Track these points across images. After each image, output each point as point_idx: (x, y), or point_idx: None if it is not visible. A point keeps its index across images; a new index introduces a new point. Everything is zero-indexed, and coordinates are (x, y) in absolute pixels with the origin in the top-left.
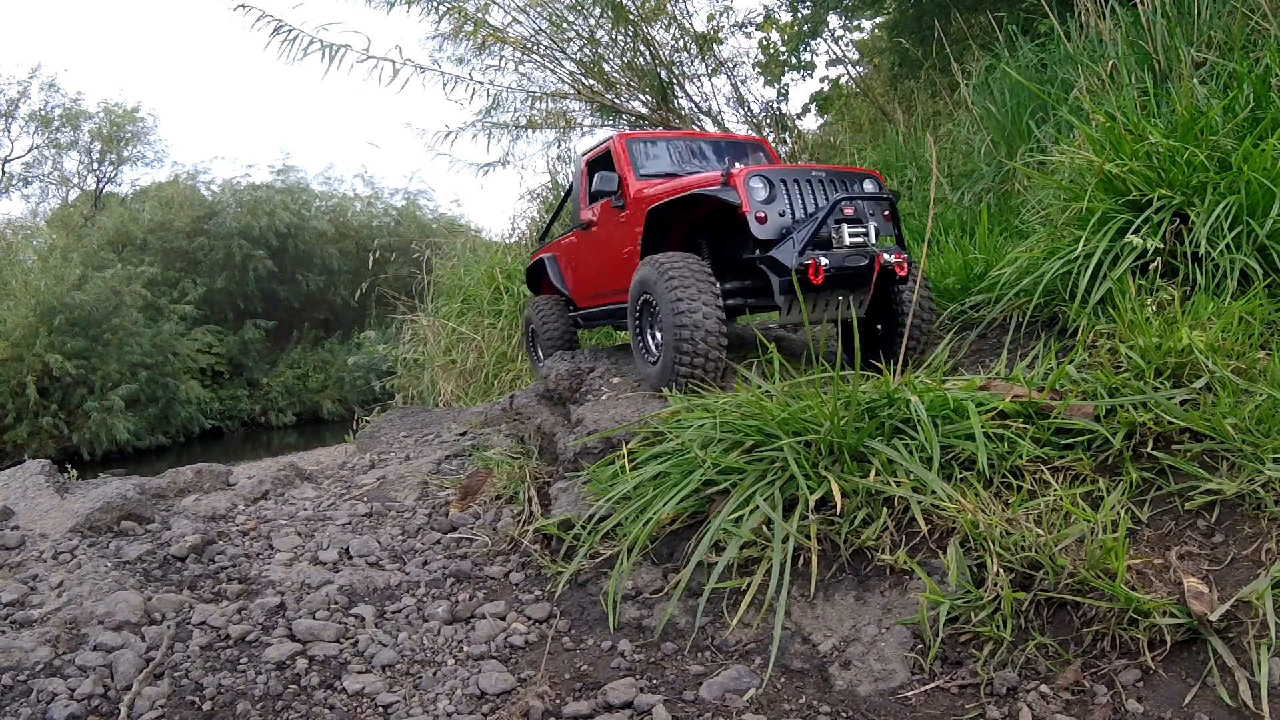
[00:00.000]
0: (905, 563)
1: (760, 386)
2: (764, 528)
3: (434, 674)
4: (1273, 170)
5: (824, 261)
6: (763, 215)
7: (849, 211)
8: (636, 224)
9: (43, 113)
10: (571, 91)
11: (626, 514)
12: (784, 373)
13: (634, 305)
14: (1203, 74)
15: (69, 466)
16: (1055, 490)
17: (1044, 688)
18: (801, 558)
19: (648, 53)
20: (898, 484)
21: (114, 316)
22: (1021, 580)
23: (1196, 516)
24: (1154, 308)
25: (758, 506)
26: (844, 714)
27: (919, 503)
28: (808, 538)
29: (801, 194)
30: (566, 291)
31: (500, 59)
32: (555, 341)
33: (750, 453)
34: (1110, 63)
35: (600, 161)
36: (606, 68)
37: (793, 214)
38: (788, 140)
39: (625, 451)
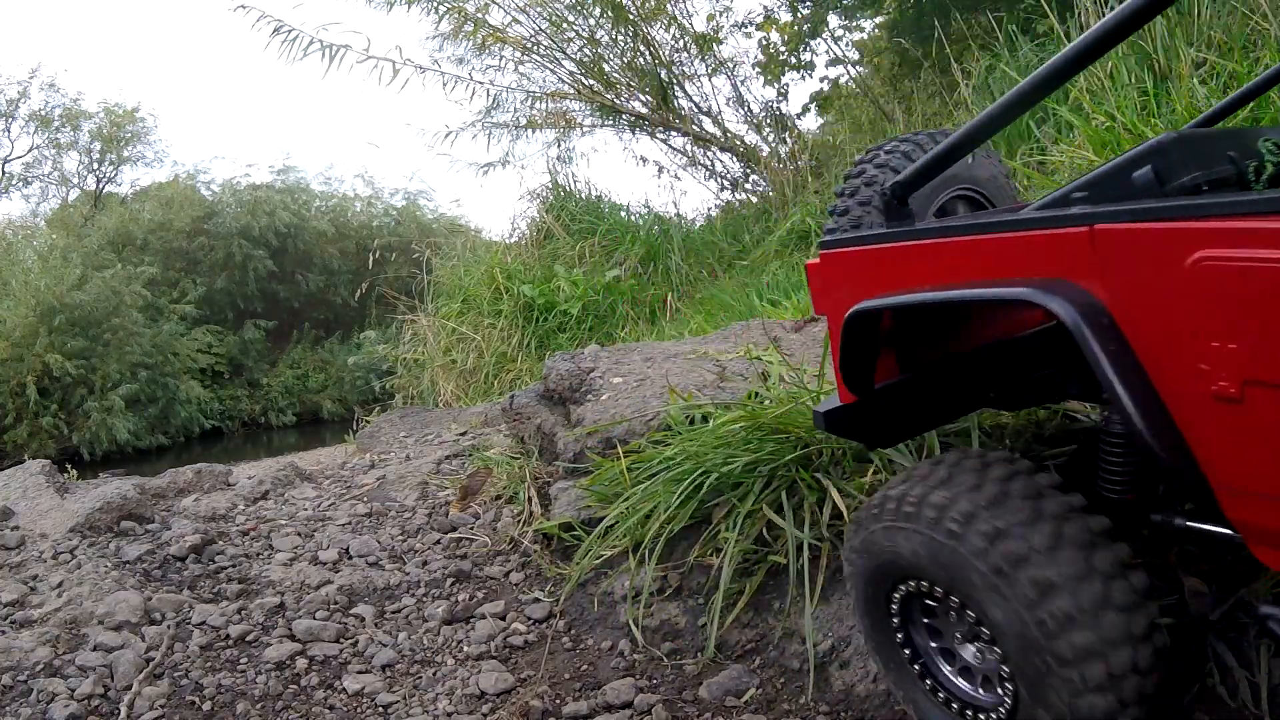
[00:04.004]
0: None
1: (755, 394)
2: (763, 531)
3: (434, 674)
4: None
5: None
6: None
7: None
8: None
9: (43, 113)
10: (571, 91)
11: (626, 516)
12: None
13: None
14: (1203, 74)
15: (69, 466)
16: None
17: None
18: (801, 558)
19: (648, 53)
20: None
21: (114, 316)
22: None
23: None
24: None
25: (758, 509)
26: (843, 714)
27: None
28: (815, 539)
29: None
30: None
31: (500, 59)
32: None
33: (751, 452)
34: (1110, 63)
35: None
36: (606, 68)
37: None
38: (788, 140)
39: (623, 452)
